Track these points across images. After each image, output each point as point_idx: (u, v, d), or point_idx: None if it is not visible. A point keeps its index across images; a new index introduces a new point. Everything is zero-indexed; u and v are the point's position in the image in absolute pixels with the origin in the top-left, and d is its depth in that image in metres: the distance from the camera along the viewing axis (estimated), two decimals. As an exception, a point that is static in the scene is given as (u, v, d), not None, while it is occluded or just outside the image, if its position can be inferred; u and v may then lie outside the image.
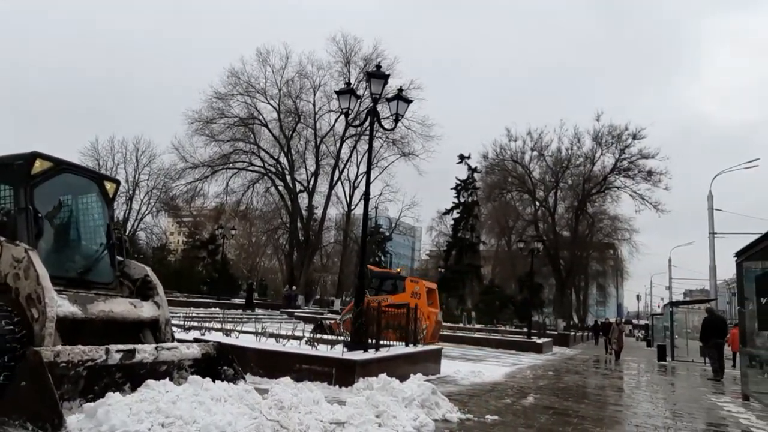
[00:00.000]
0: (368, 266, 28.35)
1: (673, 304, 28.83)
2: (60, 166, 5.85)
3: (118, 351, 4.83)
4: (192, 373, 5.40)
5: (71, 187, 6.12)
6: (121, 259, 6.48)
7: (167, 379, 5.01)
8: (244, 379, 5.95)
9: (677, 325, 25.40)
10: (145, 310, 6.04)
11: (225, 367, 6.01)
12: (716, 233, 27.19)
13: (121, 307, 5.73)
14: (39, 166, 5.49)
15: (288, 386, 5.61)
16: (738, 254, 11.21)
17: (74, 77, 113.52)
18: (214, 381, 5.11)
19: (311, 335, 10.26)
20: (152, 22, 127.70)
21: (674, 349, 23.68)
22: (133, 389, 4.77)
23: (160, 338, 6.12)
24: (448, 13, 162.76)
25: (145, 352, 5.12)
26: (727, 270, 30.99)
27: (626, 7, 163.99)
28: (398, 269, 24.53)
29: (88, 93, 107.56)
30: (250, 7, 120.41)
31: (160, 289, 6.37)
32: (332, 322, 17.47)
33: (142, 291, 6.33)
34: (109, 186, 6.44)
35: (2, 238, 5.18)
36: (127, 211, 38.35)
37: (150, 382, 4.72)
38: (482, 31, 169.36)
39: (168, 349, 5.44)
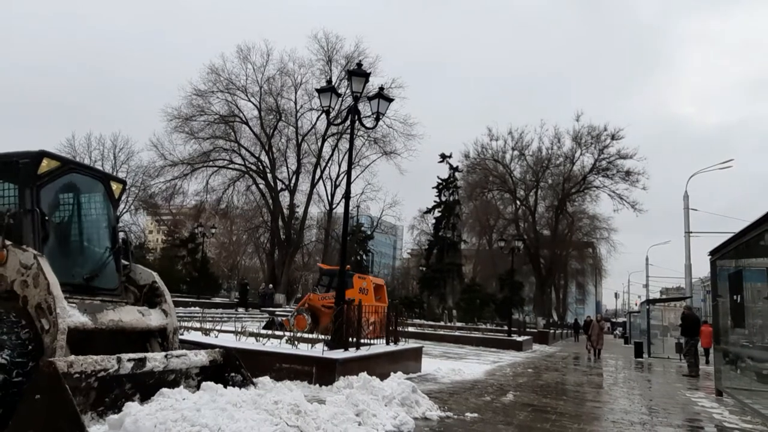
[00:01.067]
0: (319, 264, 28.40)
1: (650, 302, 29.31)
2: (67, 166, 5.63)
3: (129, 360, 4.64)
4: (199, 381, 5.24)
5: (77, 187, 5.88)
6: (126, 263, 6.20)
7: (181, 387, 4.87)
8: (253, 384, 5.72)
9: (653, 323, 25.86)
10: (153, 318, 5.80)
11: (233, 374, 5.80)
12: (691, 232, 27.72)
13: (129, 316, 5.51)
14: (46, 165, 5.24)
15: (266, 386, 5.57)
16: (712, 253, 11.43)
17: (73, 76, 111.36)
18: (225, 388, 5.00)
19: (262, 331, 10.26)
20: (153, 21, 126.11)
21: (650, 346, 24.09)
22: (143, 400, 4.60)
23: (168, 347, 5.90)
24: (441, 12, 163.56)
25: (155, 360, 4.93)
26: (703, 268, 31.64)
27: (607, 8, 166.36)
28: (347, 266, 24.83)
29: (87, 92, 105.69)
30: (250, 7, 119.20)
31: (167, 296, 6.12)
32: (283, 319, 17.55)
33: (149, 298, 6.08)
34: (115, 186, 6.20)
35: (9, 243, 4.92)
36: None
37: (165, 390, 4.59)
38: (476, 33, 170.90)
39: (177, 356, 5.24)
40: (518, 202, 46.73)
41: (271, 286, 36.14)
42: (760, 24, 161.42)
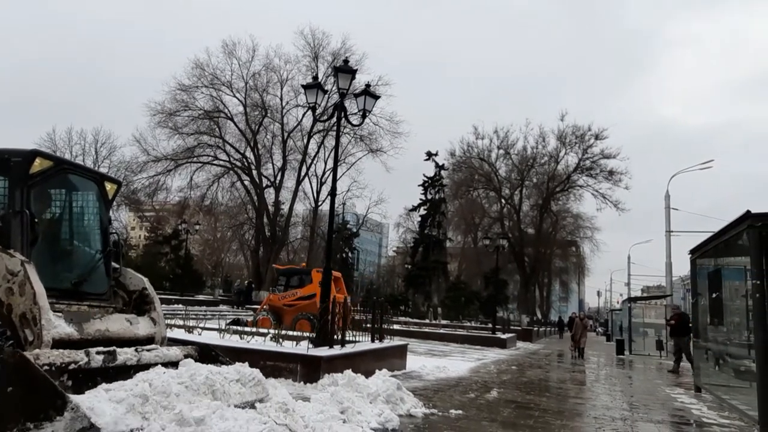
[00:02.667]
0: (274, 265, 28.28)
1: (631, 300, 29.70)
2: (60, 166, 5.46)
3: (98, 353, 4.52)
4: None
5: (70, 188, 5.71)
6: (117, 266, 6.03)
7: (159, 367, 4.77)
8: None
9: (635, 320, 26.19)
10: (141, 327, 5.61)
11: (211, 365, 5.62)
12: (672, 232, 28.11)
13: (117, 325, 5.35)
14: (39, 165, 5.06)
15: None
16: (692, 252, 11.61)
17: (73, 76, 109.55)
18: None
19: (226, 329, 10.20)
20: (153, 21, 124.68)
21: (632, 344, 24.42)
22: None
23: None
24: (441, 12, 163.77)
25: (127, 353, 4.81)
26: (683, 267, 32.14)
27: (604, 9, 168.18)
28: (302, 264, 24.71)
29: (87, 92, 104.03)
30: (250, 7, 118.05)
31: (157, 303, 5.95)
32: (248, 320, 17.49)
33: (138, 304, 5.91)
34: (109, 187, 6.01)
35: None
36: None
37: (140, 374, 4.52)
38: (476, 33, 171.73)
39: (149, 350, 5.12)
40: (503, 200, 47.06)
41: (246, 282, 35.78)
42: (745, 26, 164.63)
